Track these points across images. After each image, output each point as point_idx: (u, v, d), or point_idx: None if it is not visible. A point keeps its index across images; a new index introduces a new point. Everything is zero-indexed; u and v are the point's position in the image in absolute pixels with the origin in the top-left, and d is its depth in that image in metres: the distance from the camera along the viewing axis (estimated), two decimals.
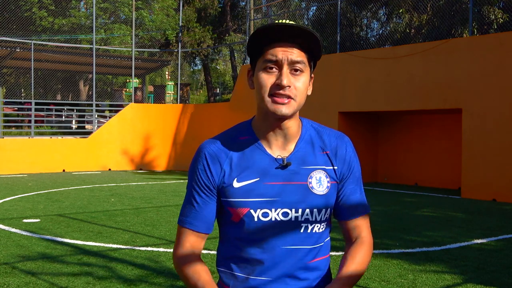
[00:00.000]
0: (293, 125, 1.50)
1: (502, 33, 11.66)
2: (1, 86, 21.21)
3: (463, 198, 11.47)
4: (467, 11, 14.00)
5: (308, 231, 1.49)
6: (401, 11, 18.02)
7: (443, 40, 12.77)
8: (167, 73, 38.43)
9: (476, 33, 14.84)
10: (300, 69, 1.44)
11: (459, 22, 15.99)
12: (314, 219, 1.49)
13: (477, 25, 15.29)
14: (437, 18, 16.87)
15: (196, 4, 26.32)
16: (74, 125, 21.84)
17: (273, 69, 1.43)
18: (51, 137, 17.99)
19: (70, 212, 8.94)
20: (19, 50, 19.50)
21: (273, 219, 1.46)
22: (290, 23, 1.41)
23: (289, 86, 1.42)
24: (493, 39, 11.52)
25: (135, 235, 6.99)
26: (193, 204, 1.53)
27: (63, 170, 17.11)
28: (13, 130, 22.27)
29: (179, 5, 22.04)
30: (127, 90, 25.59)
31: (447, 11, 16.32)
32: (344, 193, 1.57)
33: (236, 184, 1.47)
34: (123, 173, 17.08)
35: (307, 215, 1.48)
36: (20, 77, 25.59)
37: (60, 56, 20.84)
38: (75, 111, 22.48)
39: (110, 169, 18.07)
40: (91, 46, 19.63)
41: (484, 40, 11.66)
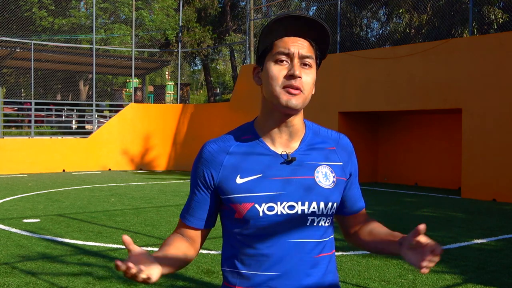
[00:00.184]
0: (298, 122, 1.51)
1: (502, 33, 11.67)
2: (1, 86, 21.21)
3: (463, 198, 11.47)
4: (467, 11, 14.00)
5: (315, 224, 1.49)
6: (401, 11, 18.02)
7: (443, 40, 12.77)
8: (167, 73, 38.43)
9: (476, 33, 14.84)
10: (309, 64, 1.47)
11: (459, 22, 16.00)
12: (320, 212, 1.49)
13: (477, 25, 15.29)
14: (437, 18, 16.87)
15: (196, 4, 26.32)
16: (74, 125, 21.85)
17: (284, 61, 1.45)
18: (51, 137, 18.00)
19: (70, 212, 8.94)
20: (19, 50, 19.51)
21: (279, 213, 1.46)
22: (310, 16, 1.46)
23: (300, 77, 1.44)
24: (493, 39, 11.52)
25: (135, 235, 6.98)
26: (191, 200, 1.57)
27: (63, 170, 17.11)
28: (13, 130, 22.27)
29: (179, 5, 22.04)
30: (127, 90, 25.59)
31: (447, 11, 16.32)
32: (350, 190, 1.62)
33: (239, 180, 1.48)
34: (123, 173, 17.09)
35: (314, 208, 1.48)
36: (20, 77, 25.60)
37: (60, 56, 20.85)
38: (75, 111, 22.47)
39: (110, 169, 18.07)
40: (91, 46, 19.64)
41: (484, 40, 11.66)
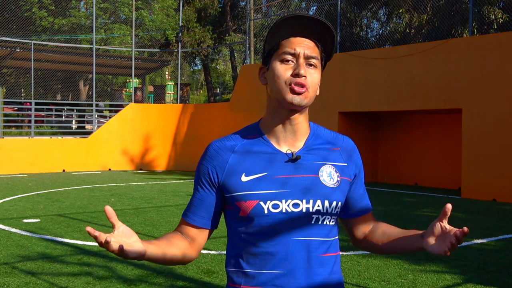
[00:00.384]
0: (303, 121, 1.53)
1: (502, 33, 11.67)
2: (1, 86, 21.21)
3: (463, 198, 11.47)
4: (467, 11, 14.00)
5: (319, 222, 1.50)
6: (401, 11, 18.02)
7: (443, 40, 12.77)
8: (167, 73, 38.44)
9: (476, 33, 14.84)
10: (315, 64, 1.49)
11: (459, 22, 16.00)
12: (325, 211, 1.50)
13: (477, 25, 15.29)
14: (437, 18, 16.87)
15: (196, 4, 26.32)
16: (74, 125, 21.85)
17: (290, 61, 1.48)
18: (51, 137, 18.00)
19: (70, 212, 8.94)
20: (19, 50, 19.50)
21: (283, 211, 1.46)
22: (316, 17, 1.48)
23: (305, 76, 1.46)
24: (493, 39, 11.52)
25: None
26: (194, 198, 1.57)
27: (63, 170, 17.11)
28: (13, 130, 22.27)
29: (179, 5, 22.04)
30: (127, 90, 25.60)
31: (447, 11, 16.32)
32: (357, 193, 1.63)
33: (244, 179, 1.49)
34: (123, 173, 17.09)
35: (318, 206, 1.49)
36: (20, 77, 25.60)
37: (60, 56, 20.85)
38: (75, 111, 22.47)
39: (110, 169, 18.07)
40: (91, 46, 19.64)
41: (484, 40, 11.66)
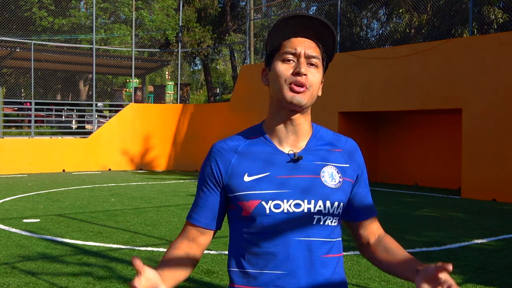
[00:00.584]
0: (304, 122, 1.53)
1: (502, 33, 11.66)
2: (1, 86, 21.21)
3: (463, 198, 11.47)
4: (467, 11, 14.00)
5: (321, 223, 1.50)
6: (401, 11, 18.02)
7: (443, 40, 12.76)
8: (167, 73, 38.44)
9: (476, 33, 14.84)
10: (316, 64, 1.50)
11: (459, 22, 16.00)
12: (327, 211, 1.49)
13: (477, 25, 15.29)
14: (437, 18, 16.87)
15: (196, 4, 26.32)
16: (74, 125, 21.85)
17: (291, 61, 1.49)
18: (51, 137, 18.00)
19: (70, 212, 8.94)
20: (19, 50, 19.50)
21: (285, 211, 1.47)
22: (317, 16, 1.50)
23: (305, 75, 1.47)
24: (493, 39, 11.52)
25: (135, 235, 6.99)
26: (198, 199, 1.57)
27: (63, 170, 17.11)
28: (13, 130, 22.27)
29: (179, 5, 22.04)
30: (127, 90, 25.59)
31: (447, 11, 16.32)
32: (360, 194, 1.63)
33: (246, 179, 1.49)
34: (123, 173, 17.08)
35: (320, 206, 1.48)
36: (20, 77, 25.61)
37: (60, 56, 20.84)
38: (75, 111, 22.48)
39: (110, 169, 18.07)
40: (91, 46, 19.64)
41: (484, 40, 11.66)
